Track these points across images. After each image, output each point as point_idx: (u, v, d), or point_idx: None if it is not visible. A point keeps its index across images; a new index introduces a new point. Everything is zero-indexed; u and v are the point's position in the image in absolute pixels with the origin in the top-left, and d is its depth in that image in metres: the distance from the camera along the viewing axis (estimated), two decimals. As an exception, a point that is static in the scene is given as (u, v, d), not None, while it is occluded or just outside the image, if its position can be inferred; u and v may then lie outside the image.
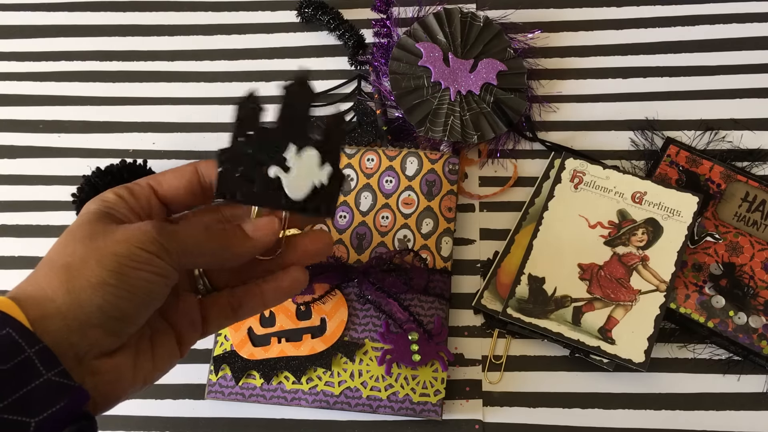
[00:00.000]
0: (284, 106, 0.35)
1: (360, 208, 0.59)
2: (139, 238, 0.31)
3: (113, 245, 0.31)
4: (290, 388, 0.54)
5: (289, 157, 0.35)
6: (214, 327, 0.38)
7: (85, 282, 0.30)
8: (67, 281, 0.30)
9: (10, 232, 0.64)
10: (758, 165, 0.62)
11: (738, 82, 0.66)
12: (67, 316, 0.29)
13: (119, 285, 0.30)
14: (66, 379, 0.28)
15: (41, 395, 0.27)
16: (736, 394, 0.55)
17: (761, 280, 0.56)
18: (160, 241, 0.31)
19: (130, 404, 0.56)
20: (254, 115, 0.35)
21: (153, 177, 0.37)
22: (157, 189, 0.36)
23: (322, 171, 0.36)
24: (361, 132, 0.63)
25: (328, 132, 0.36)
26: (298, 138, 0.35)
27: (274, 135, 0.35)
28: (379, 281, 0.54)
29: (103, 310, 0.30)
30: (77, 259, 0.31)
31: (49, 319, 0.29)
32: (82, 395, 0.29)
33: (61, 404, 0.28)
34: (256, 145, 0.35)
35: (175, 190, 0.36)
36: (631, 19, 0.70)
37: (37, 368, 0.27)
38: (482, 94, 0.64)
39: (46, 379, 0.27)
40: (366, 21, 0.69)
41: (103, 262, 0.30)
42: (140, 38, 0.72)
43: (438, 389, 0.53)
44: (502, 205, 0.62)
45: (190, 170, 0.37)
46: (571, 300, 0.55)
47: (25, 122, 0.69)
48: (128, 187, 0.35)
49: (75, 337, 0.29)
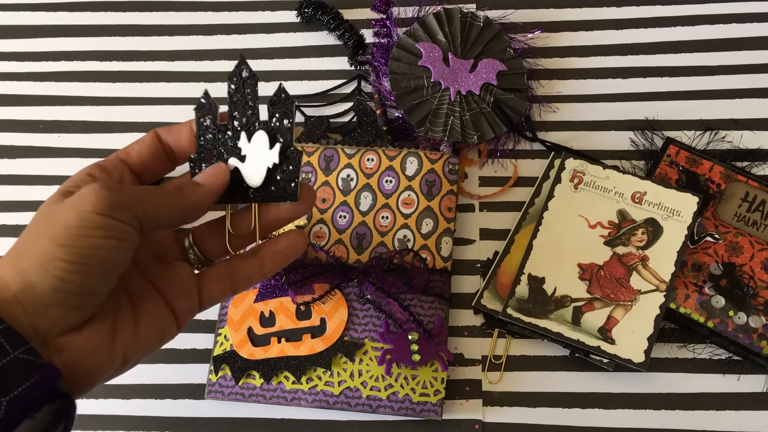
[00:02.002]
0: (230, 97, 0.35)
1: (360, 208, 0.59)
2: (89, 199, 0.30)
3: (63, 214, 0.30)
4: (290, 388, 0.54)
5: (243, 146, 0.35)
6: (212, 299, 0.37)
7: (35, 262, 0.29)
8: (18, 264, 0.29)
9: (10, 232, 0.64)
10: (758, 165, 0.62)
11: (738, 82, 0.66)
12: (22, 300, 0.29)
13: (71, 259, 0.29)
14: (34, 356, 0.28)
15: (9, 374, 0.27)
16: (736, 394, 0.55)
17: (761, 280, 0.56)
18: (111, 198, 0.30)
19: (130, 404, 0.56)
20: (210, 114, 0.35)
21: (122, 150, 0.36)
22: (126, 160, 0.36)
23: (272, 151, 0.35)
24: (361, 132, 0.63)
25: (272, 110, 0.35)
26: (249, 125, 0.35)
27: (229, 128, 0.35)
28: (379, 281, 0.54)
29: (58, 288, 0.29)
30: (27, 240, 0.30)
31: (6, 304, 0.29)
32: (53, 372, 0.28)
33: (31, 381, 0.27)
34: (218, 143, 0.35)
35: (142, 158, 0.36)
36: (631, 19, 0.70)
37: (4, 347, 0.27)
38: (482, 94, 0.64)
39: (13, 358, 0.27)
40: (366, 21, 0.69)
41: (53, 236, 0.29)
42: (140, 38, 0.72)
43: (438, 389, 0.53)
44: (502, 205, 0.62)
45: (151, 137, 0.37)
46: (571, 300, 0.55)
47: (25, 122, 0.69)
48: (99, 164, 0.35)
49: (35, 320, 0.29)
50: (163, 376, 0.57)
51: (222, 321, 0.56)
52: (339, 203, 0.59)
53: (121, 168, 0.35)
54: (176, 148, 0.37)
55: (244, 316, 0.56)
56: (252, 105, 0.35)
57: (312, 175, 0.60)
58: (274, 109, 0.35)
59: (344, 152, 0.60)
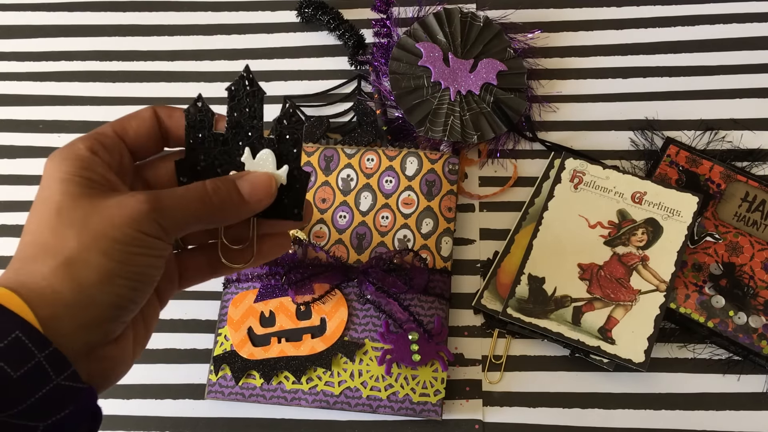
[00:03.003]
0: (231, 108, 0.34)
1: (360, 208, 0.59)
2: (138, 220, 0.29)
3: (111, 230, 0.29)
4: (290, 388, 0.54)
5: (245, 161, 0.34)
6: (191, 283, 0.37)
7: (95, 278, 0.28)
8: (75, 278, 0.28)
9: (10, 232, 0.64)
10: (758, 165, 0.62)
11: (738, 82, 0.66)
12: (79, 315, 0.28)
13: (130, 276, 0.29)
14: (75, 381, 0.27)
15: (50, 400, 0.27)
16: (736, 394, 0.55)
17: (761, 280, 0.56)
18: (158, 221, 0.30)
19: (130, 404, 0.56)
20: (204, 119, 0.33)
21: (117, 122, 0.34)
22: (123, 136, 0.34)
23: (279, 172, 0.34)
24: (361, 132, 0.63)
25: (279, 129, 0.34)
26: (252, 139, 0.34)
27: (228, 139, 0.34)
28: (379, 281, 0.54)
29: (117, 305, 0.29)
30: (78, 249, 0.29)
31: (60, 320, 0.28)
32: (91, 395, 0.28)
33: (70, 408, 0.27)
34: (212, 152, 0.34)
35: (139, 136, 0.34)
36: (631, 19, 0.70)
37: (48, 374, 0.26)
38: (482, 94, 0.64)
39: (55, 386, 0.27)
40: (366, 21, 0.69)
41: (108, 253, 0.29)
42: (140, 38, 0.72)
43: (438, 389, 0.53)
44: (502, 205, 0.62)
45: (149, 114, 0.35)
46: (571, 300, 0.55)
47: (25, 122, 0.69)
48: (99, 140, 0.32)
49: (88, 334, 0.29)
50: (163, 376, 0.57)
51: (222, 321, 0.56)
52: (339, 203, 0.59)
53: (121, 147, 0.33)
54: (176, 134, 0.35)
55: (244, 316, 0.56)
56: (257, 120, 0.34)
57: (312, 175, 0.60)
58: (281, 128, 0.34)
59: (344, 152, 0.60)
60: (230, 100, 0.34)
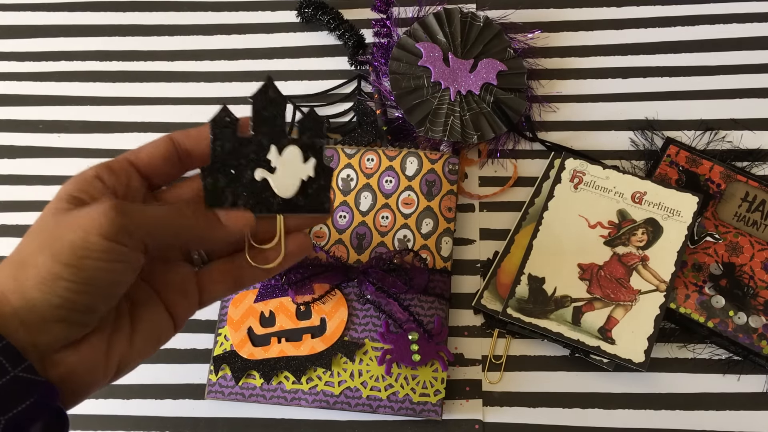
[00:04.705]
0: (255, 111, 0.35)
1: (360, 208, 0.59)
2: (98, 221, 0.29)
3: (68, 232, 0.29)
4: (290, 388, 0.54)
5: (272, 158, 0.35)
6: (213, 297, 0.37)
7: (38, 279, 0.28)
8: (19, 279, 0.28)
9: (10, 232, 0.64)
10: (758, 165, 0.62)
11: (738, 82, 0.66)
12: (23, 316, 0.28)
13: (76, 279, 0.28)
14: (33, 374, 0.27)
15: (9, 393, 0.27)
16: (736, 394, 0.55)
17: (761, 280, 0.56)
18: (121, 223, 0.29)
19: (130, 404, 0.56)
20: (230, 126, 0.35)
21: (131, 151, 0.35)
22: (135, 162, 0.35)
23: (307, 165, 0.36)
24: (361, 132, 0.63)
25: (303, 127, 0.36)
26: (277, 138, 0.35)
27: (253, 141, 0.35)
28: (379, 281, 0.54)
29: (60, 306, 0.28)
30: (30, 252, 0.29)
31: (6, 319, 0.28)
32: (51, 390, 0.28)
33: (30, 401, 0.27)
34: (238, 153, 0.35)
35: (153, 161, 0.35)
36: (631, 19, 0.70)
37: (4, 366, 0.27)
38: (482, 94, 0.64)
39: (12, 377, 0.27)
40: (366, 21, 0.69)
41: (56, 254, 0.28)
42: (140, 38, 0.72)
43: (438, 389, 0.53)
44: (502, 205, 0.62)
45: (165, 140, 0.35)
46: (571, 300, 0.55)
47: (25, 122, 0.69)
48: (107, 164, 0.33)
49: (35, 336, 0.28)
50: (163, 376, 0.57)
51: (222, 321, 0.56)
52: (339, 203, 0.59)
53: (129, 171, 0.34)
54: (196, 152, 0.36)
55: (244, 316, 0.56)
56: (280, 123, 0.35)
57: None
58: (305, 125, 0.36)
59: (344, 152, 0.61)
60: (253, 105, 0.35)
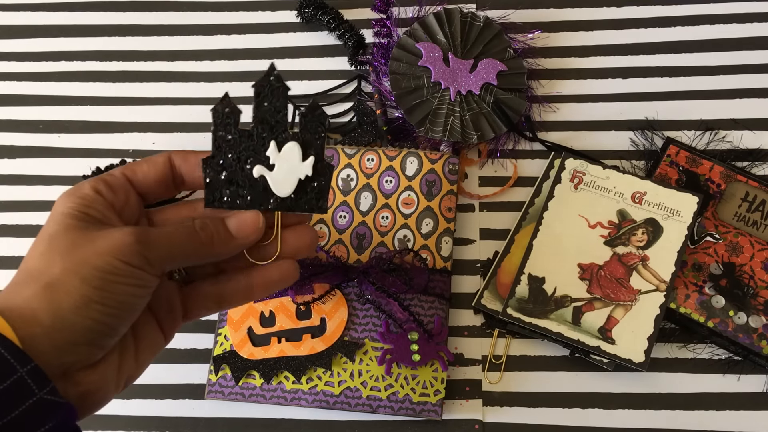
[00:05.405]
0: (257, 104, 0.35)
1: (360, 208, 0.59)
2: (121, 250, 0.31)
3: (95, 258, 0.30)
4: (290, 388, 0.54)
5: (271, 155, 0.35)
6: (195, 316, 0.38)
7: (72, 302, 0.30)
8: (52, 301, 0.30)
9: (10, 232, 0.64)
10: (758, 165, 0.62)
11: (738, 82, 0.66)
12: (55, 337, 0.29)
13: (105, 302, 0.30)
14: (56, 396, 0.28)
15: (34, 414, 0.28)
16: (736, 394, 0.55)
17: (761, 280, 0.56)
18: (142, 253, 0.31)
19: (130, 404, 0.56)
20: (230, 117, 0.34)
21: (128, 167, 0.36)
22: (132, 179, 0.36)
23: (305, 163, 0.35)
24: (361, 132, 0.63)
25: (304, 122, 0.35)
26: (277, 134, 0.35)
27: (254, 135, 0.35)
28: (379, 281, 0.54)
29: (92, 329, 0.30)
30: (60, 275, 0.30)
31: (37, 339, 0.29)
32: (72, 412, 0.29)
33: (52, 423, 0.28)
34: (238, 147, 0.35)
35: (148, 180, 0.36)
36: (631, 19, 0.70)
37: (31, 388, 0.28)
38: (482, 94, 0.64)
39: (38, 399, 0.28)
40: (366, 21, 0.69)
41: (87, 279, 0.30)
42: (140, 38, 0.72)
43: (438, 389, 0.53)
44: (502, 205, 0.62)
45: (163, 160, 0.36)
46: (571, 300, 0.55)
47: (25, 122, 0.69)
48: (105, 180, 0.34)
49: (62, 357, 0.30)
50: (163, 376, 0.57)
51: (222, 321, 0.56)
52: (339, 203, 0.59)
53: (128, 188, 0.35)
54: (189, 178, 0.37)
55: (244, 316, 0.56)
56: (282, 114, 0.35)
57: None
58: (306, 121, 0.35)
59: (344, 152, 0.61)
60: (256, 97, 0.35)
